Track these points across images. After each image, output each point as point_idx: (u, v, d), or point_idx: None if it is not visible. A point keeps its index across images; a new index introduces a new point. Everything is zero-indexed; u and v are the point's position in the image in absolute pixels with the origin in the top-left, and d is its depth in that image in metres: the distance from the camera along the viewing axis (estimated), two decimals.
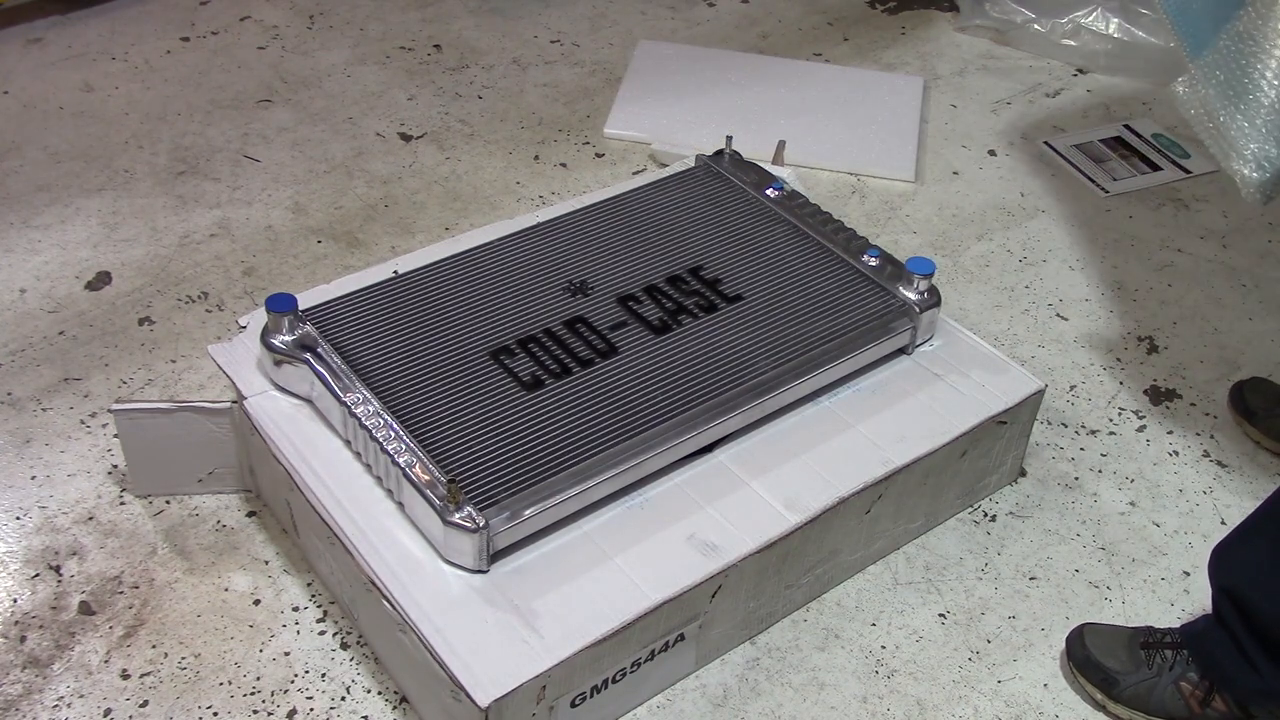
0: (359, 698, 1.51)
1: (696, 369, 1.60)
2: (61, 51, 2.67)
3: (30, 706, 1.48)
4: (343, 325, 1.62)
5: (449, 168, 2.41)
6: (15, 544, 1.67)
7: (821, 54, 2.85)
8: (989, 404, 1.69)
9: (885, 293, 1.74)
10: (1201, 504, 1.83)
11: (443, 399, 1.53)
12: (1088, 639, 1.56)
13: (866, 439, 1.62)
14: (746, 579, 1.50)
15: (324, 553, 1.56)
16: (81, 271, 2.11)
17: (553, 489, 1.43)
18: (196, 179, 2.34)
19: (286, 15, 2.85)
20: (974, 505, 1.80)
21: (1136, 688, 1.51)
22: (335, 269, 2.13)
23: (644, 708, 1.51)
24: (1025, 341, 2.09)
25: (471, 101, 2.60)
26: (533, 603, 1.39)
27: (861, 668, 1.58)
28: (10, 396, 1.87)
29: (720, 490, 1.54)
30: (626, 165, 2.45)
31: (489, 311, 1.67)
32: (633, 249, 1.80)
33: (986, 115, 2.66)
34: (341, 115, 2.53)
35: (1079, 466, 1.87)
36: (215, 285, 2.10)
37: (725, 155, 2.00)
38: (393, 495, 1.48)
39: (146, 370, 1.93)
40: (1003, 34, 2.91)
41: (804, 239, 1.84)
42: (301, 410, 1.59)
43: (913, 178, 2.45)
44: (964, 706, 1.54)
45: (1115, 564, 1.73)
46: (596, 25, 2.90)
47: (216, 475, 1.72)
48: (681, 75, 2.69)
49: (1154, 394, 2.01)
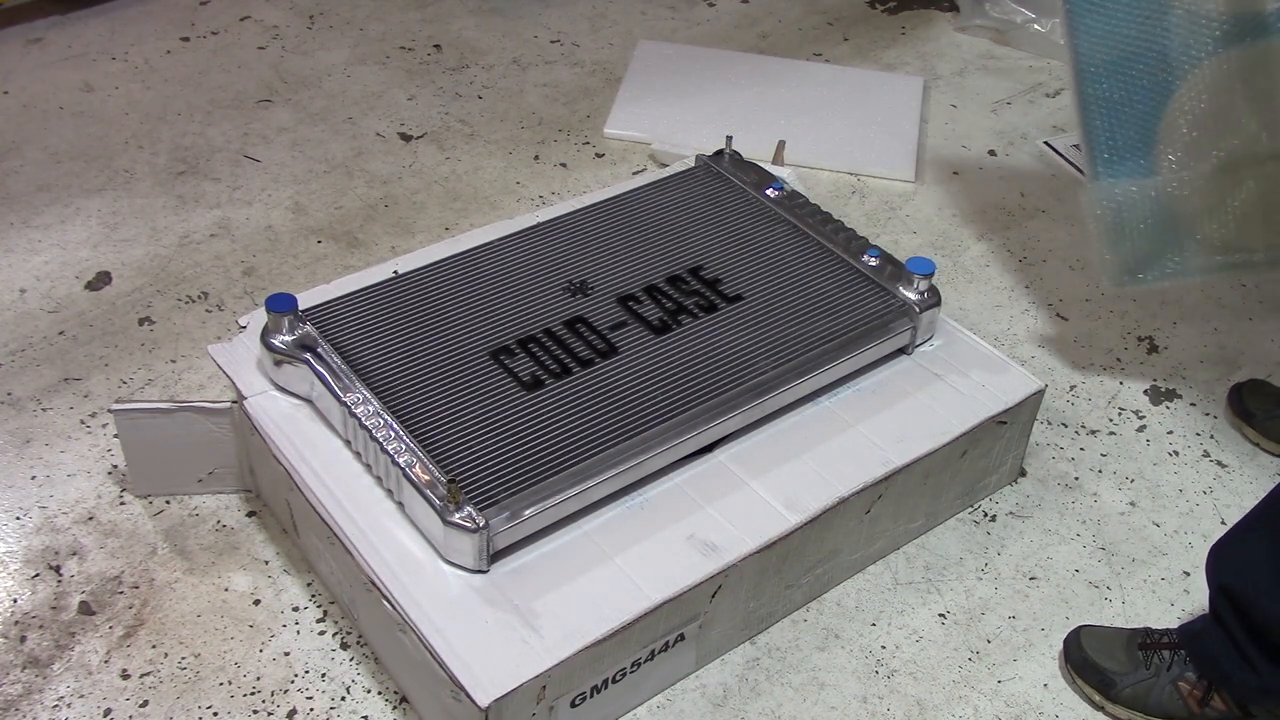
0: (359, 698, 1.51)
1: (696, 369, 1.60)
2: (61, 51, 2.67)
3: (30, 706, 1.48)
4: (343, 325, 1.62)
5: (449, 168, 2.41)
6: (15, 544, 1.67)
7: (821, 54, 2.85)
8: (989, 404, 1.69)
9: (885, 293, 1.74)
10: (1201, 504, 1.83)
11: (443, 399, 1.53)
12: (1085, 641, 1.56)
13: (866, 439, 1.62)
14: (746, 579, 1.50)
15: (324, 553, 1.56)
16: (81, 271, 2.11)
17: (553, 489, 1.43)
18: (196, 179, 2.34)
19: (286, 15, 2.85)
20: (974, 505, 1.80)
21: (1135, 688, 1.51)
22: (335, 269, 2.13)
23: (644, 708, 1.51)
24: (1025, 341, 2.09)
25: (471, 101, 2.60)
26: (533, 603, 1.39)
27: (861, 668, 1.58)
28: (10, 396, 1.87)
29: (720, 490, 1.54)
30: (626, 165, 2.45)
31: (489, 311, 1.67)
32: (633, 249, 1.80)
33: (986, 115, 2.66)
34: (341, 115, 2.53)
35: (1079, 466, 1.88)
36: (215, 285, 2.10)
37: (725, 155, 2.00)
38: (393, 495, 1.48)
39: (146, 370, 1.93)
40: (1003, 34, 2.91)
41: (804, 239, 1.84)
42: (301, 410, 1.59)
43: (913, 178, 2.45)
44: (964, 706, 1.54)
45: (1115, 564, 1.73)
46: (596, 25, 2.90)
47: (216, 475, 1.72)
48: (681, 75, 2.69)
49: (1154, 394, 2.01)
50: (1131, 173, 1.78)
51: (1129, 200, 1.79)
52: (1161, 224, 1.80)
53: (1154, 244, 1.82)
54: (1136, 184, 1.77)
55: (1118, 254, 1.85)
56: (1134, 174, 1.78)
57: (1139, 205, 1.79)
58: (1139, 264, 1.85)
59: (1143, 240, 1.82)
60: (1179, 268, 1.84)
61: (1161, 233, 1.81)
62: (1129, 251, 1.84)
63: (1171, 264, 1.83)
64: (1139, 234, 1.81)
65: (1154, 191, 1.77)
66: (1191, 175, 1.74)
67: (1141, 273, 1.86)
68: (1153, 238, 1.81)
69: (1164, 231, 1.81)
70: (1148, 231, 1.81)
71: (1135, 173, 1.78)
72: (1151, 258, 1.84)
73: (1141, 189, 1.76)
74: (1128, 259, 1.85)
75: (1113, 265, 1.88)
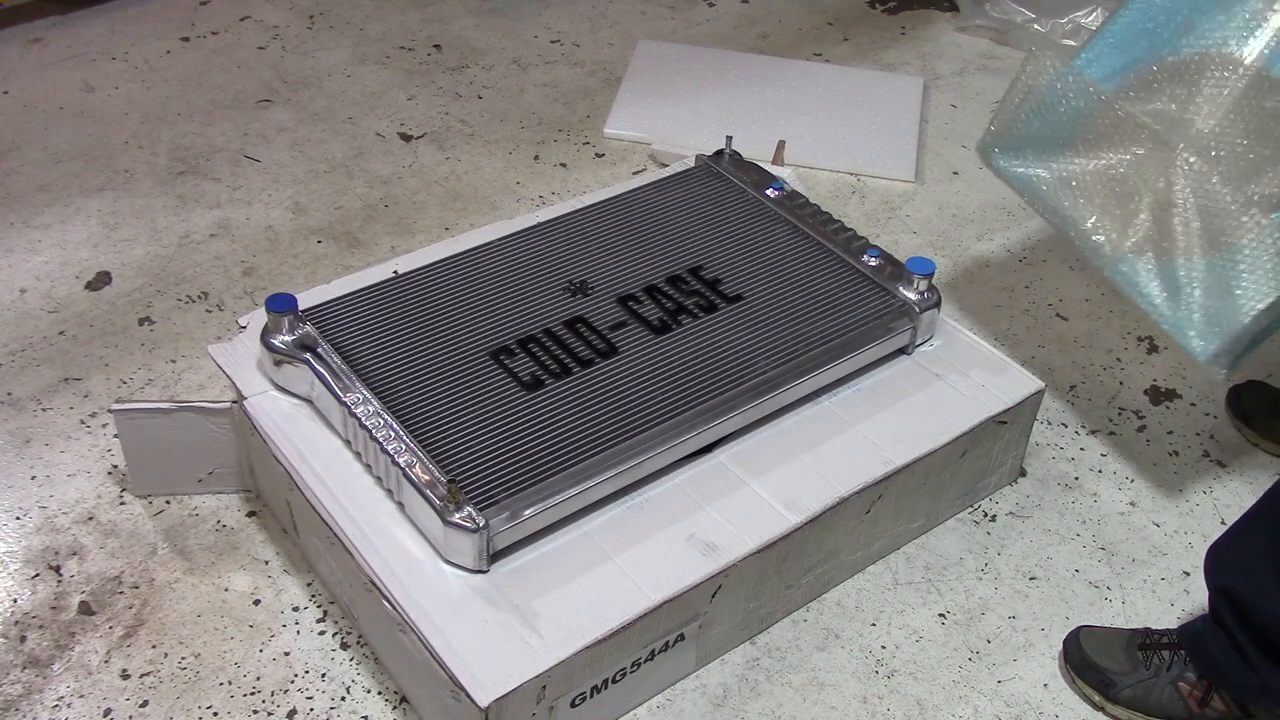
0: (359, 698, 1.51)
1: (696, 369, 1.60)
2: (61, 51, 2.67)
3: (30, 706, 1.48)
4: (343, 325, 1.62)
5: (449, 168, 2.41)
6: (15, 544, 1.67)
7: (821, 54, 2.85)
8: (989, 404, 1.69)
9: (885, 293, 1.74)
10: (1201, 504, 1.83)
11: (443, 399, 1.53)
12: (1084, 641, 1.56)
13: (866, 439, 1.62)
14: (746, 579, 1.50)
15: (324, 553, 1.56)
16: (81, 271, 2.11)
17: (553, 489, 1.43)
18: (196, 179, 2.34)
19: (286, 15, 2.85)
20: (974, 505, 1.80)
21: (1134, 689, 1.51)
22: (335, 269, 2.13)
23: (644, 708, 1.51)
24: (1025, 341, 2.09)
25: (471, 101, 2.60)
26: (533, 603, 1.39)
27: (861, 668, 1.58)
28: (10, 396, 1.87)
29: (720, 490, 1.54)
30: (626, 165, 2.45)
31: (489, 311, 1.67)
32: (633, 249, 1.80)
33: (986, 115, 2.66)
34: (341, 115, 2.53)
35: (1079, 466, 1.88)
36: (215, 285, 2.10)
37: (725, 155, 2.00)
38: (393, 495, 1.48)
39: (146, 370, 1.93)
40: (1003, 34, 2.91)
41: (804, 239, 1.84)
42: (301, 410, 1.59)
43: (913, 178, 2.45)
44: (964, 706, 1.54)
45: (1115, 564, 1.73)
46: (596, 25, 2.90)
47: (216, 475, 1.72)
48: (681, 75, 2.69)
49: (1154, 394, 2.01)
50: (1094, 75, 1.73)
51: (1064, 89, 1.72)
52: (1059, 132, 1.74)
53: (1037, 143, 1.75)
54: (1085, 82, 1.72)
55: (1002, 123, 1.81)
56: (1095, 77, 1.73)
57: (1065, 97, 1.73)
58: (1010, 147, 1.79)
59: (1035, 130, 1.75)
60: (1026, 181, 1.77)
61: (1051, 139, 1.74)
62: (1017, 128, 1.78)
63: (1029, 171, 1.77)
64: (1040, 121, 1.75)
65: (1089, 98, 1.71)
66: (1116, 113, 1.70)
67: (1004, 156, 1.80)
68: (1042, 136, 1.75)
69: (1053, 140, 1.74)
70: (1044, 126, 1.74)
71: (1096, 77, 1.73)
72: (1023, 151, 1.77)
73: (1085, 88, 1.71)
74: (1010, 134, 1.80)
75: (996, 131, 1.82)
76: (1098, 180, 1.72)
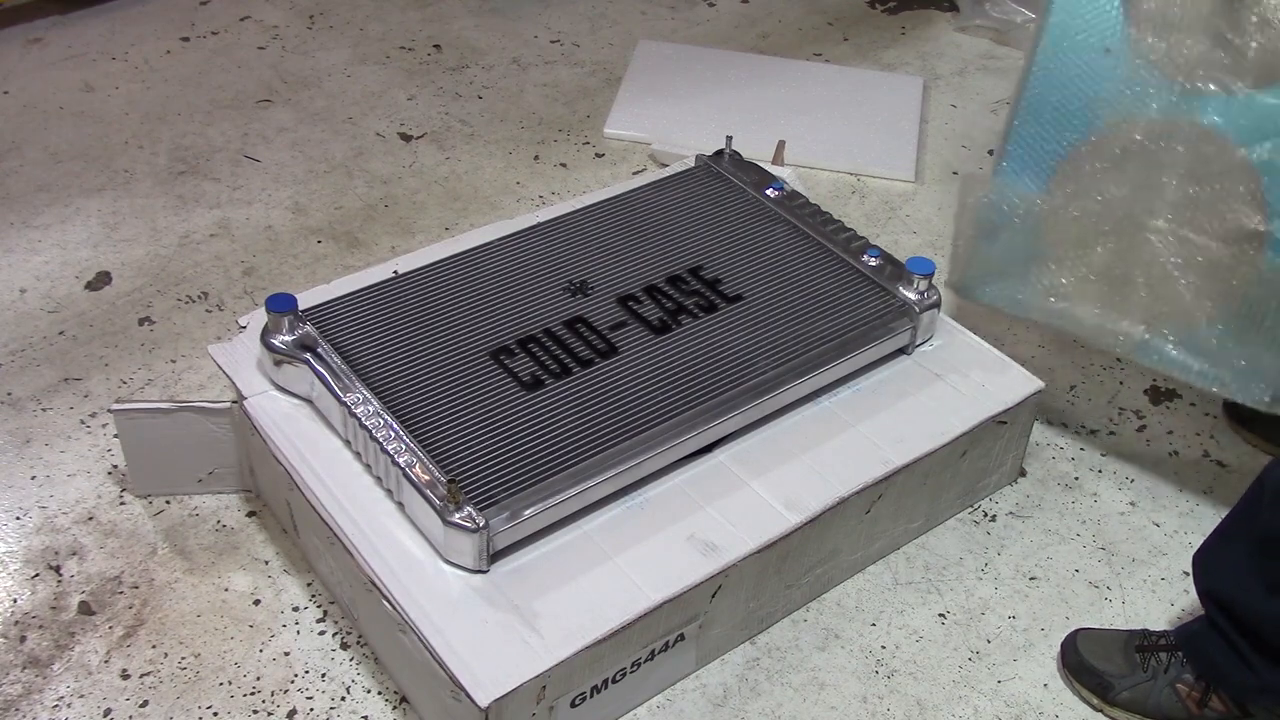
0: (359, 698, 1.51)
1: (696, 369, 1.60)
2: (61, 51, 2.67)
3: (30, 706, 1.48)
4: (343, 325, 1.62)
5: (449, 168, 2.41)
6: (15, 544, 1.67)
7: (821, 54, 2.85)
8: (989, 404, 1.69)
9: (885, 293, 1.74)
10: (1201, 504, 1.83)
11: (443, 399, 1.53)
12: (1081, 644, 1.56)
13: (866, 439, 1.62)
14: (746, 579, 1.50)
15: (324, 553, 1.56)
16: (81, 271, 2.11)
17: (553, 489, 1.44)
18: (196, 179, 2.34)
19: (286, 15, 2.85)
20: (974, 505, 1.80)
21: (1133, 691, 1.51)
22: (335, 269, 2.13)
23: (644, 708, 1.51)
24: (1025, 341, 2.09)
25: (471, 101, 2.60)
26: (533, 603, 1.39)
27: (861, 668, 1.58)
28: (10, 396, 1.87)
29: (720, 490, 1.54)
30: (626, 165, 2.45)
31: (489, 311, 1.67)
32: (633, 249, 1.80)
33: (986, 115, 2.66)
34: (341, 115, 2.53)
35: (1079, 466, 1.88)
36: (215, 285, 2.10)
37: (725, 155, 2.00)
38: (393, 495, 1.48)
39: (146, 370, 1.93)
40: (1003, 34, 2.91)
41: (804, 239, 1.84)
42: (301, 410, 1.59)
43: (913, 178, 2.45)
44: (964, 706, 1.54)
45: (1115, 564, 1.73)
46: (596, 25, 2.90)
47: (216, 475, 1.72)
48: (681, 75, 2.69)
49: (1154, 394, 2.01)
50: (1027, 187, 1.74)
51: (1010, 207, 1.74)
52: (1023, 249, 1.75)
53: (1006, 265, 1.77)
54: (1023, 196, 1.73)
55: (963, 260, 1.80)
56: (1029, 188, 1.74)
57: (1013, 218, 1.74)
58: (983, 278, 1.79)
59: (999, 255, 1.77)
60: (1016, 303, 1.78)
61: (1019, 258, 1.76)
62: (981, 260, 1.79)
63: (1013, 294, 1.77)
64: (1000, 246, 1.75)
65: (1034, 209, 1.72)
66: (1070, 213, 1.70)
67: (982, 288, 1.80)
68: (1008, 258, 1.76)
69: (1021, 258, 1.76)
70: (1007, 249, 1.75)
71: (1030, 188, 1.74)
72: (997, 277, 1.79)
73: (1026, 201, 1.72)
74: (976, 267, 1.80)
75: (963, 268, 1.82)
76: (1083, 280, 1.72)
